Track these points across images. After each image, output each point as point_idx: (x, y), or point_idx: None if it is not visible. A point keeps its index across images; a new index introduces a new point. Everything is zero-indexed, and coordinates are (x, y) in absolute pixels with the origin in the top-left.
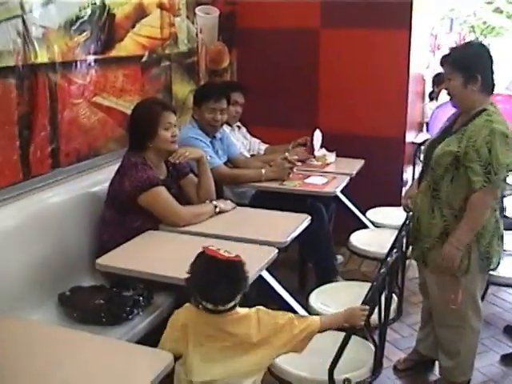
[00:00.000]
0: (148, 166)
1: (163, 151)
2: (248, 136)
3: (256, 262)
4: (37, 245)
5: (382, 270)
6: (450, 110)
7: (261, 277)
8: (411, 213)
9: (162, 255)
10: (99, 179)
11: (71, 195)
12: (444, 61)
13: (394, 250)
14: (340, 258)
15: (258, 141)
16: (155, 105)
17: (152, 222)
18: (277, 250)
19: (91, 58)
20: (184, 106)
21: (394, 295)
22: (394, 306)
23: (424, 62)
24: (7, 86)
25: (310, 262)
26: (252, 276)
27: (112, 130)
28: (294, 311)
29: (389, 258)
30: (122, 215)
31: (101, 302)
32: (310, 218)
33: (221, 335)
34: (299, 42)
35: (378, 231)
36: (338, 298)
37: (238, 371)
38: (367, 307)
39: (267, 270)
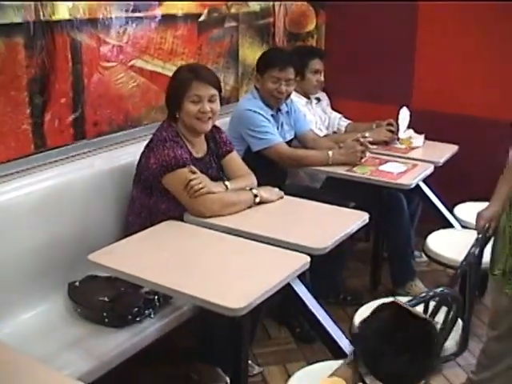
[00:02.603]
0: (178, 144)
1: (189, 127)
2: (328, 110)
3: (281, 271)
4: (50, 225)
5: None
6: None
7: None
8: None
9: (174, 256)
10: (133, 152)
11: (97, 170)
12: None
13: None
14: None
15: (338, 116)
16: (188, 72)
17: (180, 208)
18: (308, 259)
19: (129, 15)
20: (254, 72)
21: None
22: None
23: None
24: (12, 45)
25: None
26: (275, 287)
27: (156, 98)
28: (323, 329)
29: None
30: (146, 196)
31: (105, 300)
32: (367, 217)
33: None
34: (396, 4)
35: (464, 233)
36: None
37: None
38: None
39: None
